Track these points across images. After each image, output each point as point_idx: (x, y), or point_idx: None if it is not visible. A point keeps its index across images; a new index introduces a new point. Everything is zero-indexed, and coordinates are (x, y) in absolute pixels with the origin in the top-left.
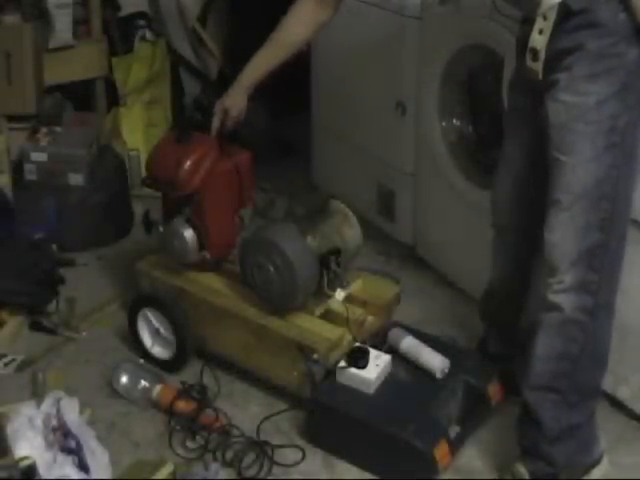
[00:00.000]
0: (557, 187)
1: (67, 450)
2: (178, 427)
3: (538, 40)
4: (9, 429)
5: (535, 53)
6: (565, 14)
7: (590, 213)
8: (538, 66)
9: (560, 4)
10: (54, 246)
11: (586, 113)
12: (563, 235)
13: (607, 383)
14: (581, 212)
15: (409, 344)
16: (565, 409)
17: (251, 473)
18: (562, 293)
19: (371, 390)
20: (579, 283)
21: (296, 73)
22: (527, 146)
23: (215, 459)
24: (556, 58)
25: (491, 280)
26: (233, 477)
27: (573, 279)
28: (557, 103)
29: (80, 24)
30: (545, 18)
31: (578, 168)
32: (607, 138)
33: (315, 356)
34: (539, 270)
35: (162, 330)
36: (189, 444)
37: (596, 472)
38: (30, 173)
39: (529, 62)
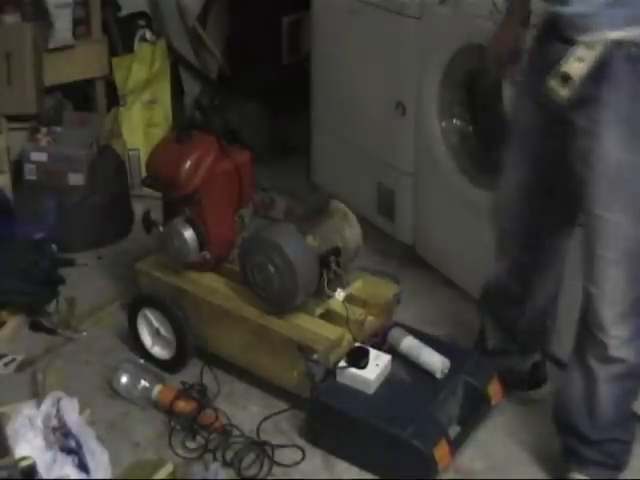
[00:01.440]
0: (601, 243)
1: (67, 450)
2: (178, 427)
3: (575, 68)
4: (9, 429)
5: (567, 79)
6: (626, 54)
7: (638, 264)
8: (566, 92)
9: (625, 42)
10: (54, 246)
11: (637, 171)
12: (612, 289)
13: None
14: (630, 265)
15: (409, 344)
16: (626, 435)
17: (251, 473)
18: (624, 346)
19: (371, 390)
20: (636, 331)
21: (296, 73)
22: (536, 157)
23: (215, 459)
24: (597, 101)
25: (489, 278)
26: (233, 477)
27: (629, 330)
28: (606, 161)
29: (80, 24)
30: (590, 47)
31: (625, 225)
32: None
33: (315, 356)
34: (539, 278)
35: (162, 330)
36: (189, 444)
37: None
38: (30, 173)
39: (554, 84)
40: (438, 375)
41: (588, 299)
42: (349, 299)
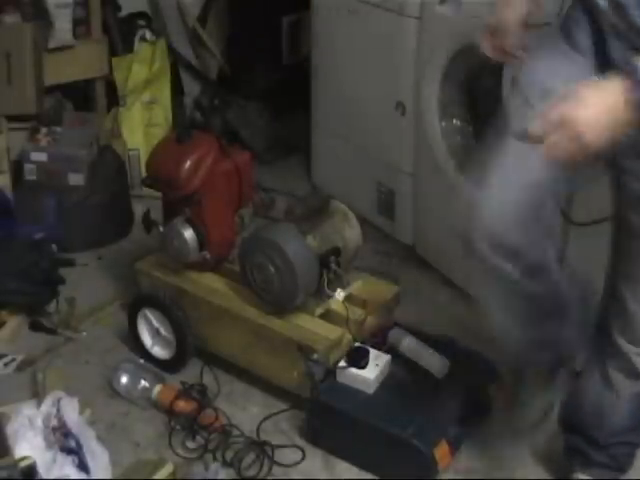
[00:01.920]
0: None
1: (67, 450)
2: (178, 427)
3: None
4: (9, 429)
5: None
6: None
7: None
8: None
9: None
10: (54, 246)
11: None
12: None
13: None
14: None
15: (409, 344)
16: (636, 438)
17: (251, 473)
18: None
19: (371, 390)
20: None
21: (296, 73)
22: None
23: (215, 459)
24: None
25: None
26: (233, 477)
27: None
28: None
29: (80, 24)
30: None
31: None
32: None
33: (315, 356)
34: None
35: (162, 330)
36: (189, 444)
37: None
38: (30, 173)
39: None
40: (438, 375)
41: (625, 313)
42: (349, 299)
